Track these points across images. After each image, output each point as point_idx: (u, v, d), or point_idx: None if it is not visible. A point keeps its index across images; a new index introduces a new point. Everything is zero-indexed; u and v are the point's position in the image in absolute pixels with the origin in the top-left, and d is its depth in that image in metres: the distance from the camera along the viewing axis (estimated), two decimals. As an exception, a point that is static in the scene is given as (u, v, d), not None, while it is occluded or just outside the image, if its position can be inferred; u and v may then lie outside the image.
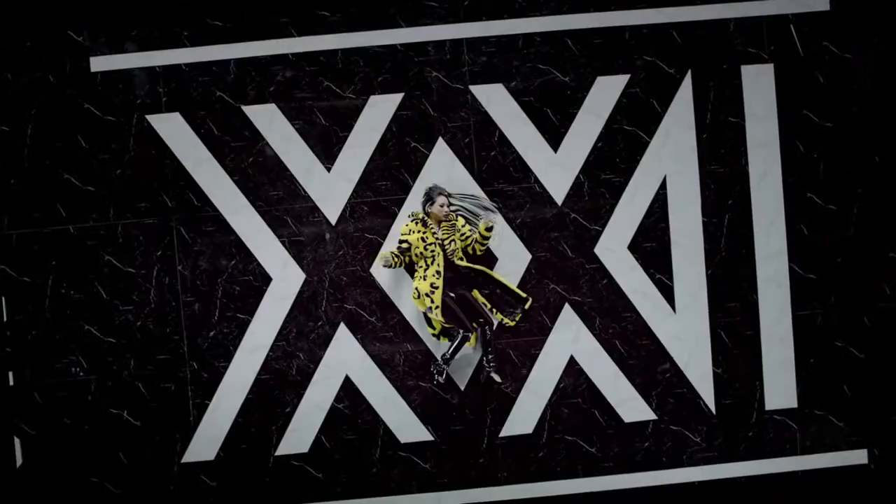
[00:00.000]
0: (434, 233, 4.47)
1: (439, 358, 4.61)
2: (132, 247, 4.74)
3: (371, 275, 4.78)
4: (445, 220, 4.49)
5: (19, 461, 4.73)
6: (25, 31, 4.69)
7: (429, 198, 4.51)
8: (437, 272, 4.44)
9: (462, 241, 4.53)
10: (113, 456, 4.74)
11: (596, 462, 4.80)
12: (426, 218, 4.49)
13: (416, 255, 4.47)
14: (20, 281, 4.71)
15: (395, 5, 4.74)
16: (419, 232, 4.45)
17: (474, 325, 4.53)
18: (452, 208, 4.55)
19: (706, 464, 4.81)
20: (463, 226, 4.51)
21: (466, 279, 4.59)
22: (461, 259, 4.54)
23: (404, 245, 4.46)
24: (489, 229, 4.44)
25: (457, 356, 4.55)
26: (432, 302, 4.43)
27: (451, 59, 4.77)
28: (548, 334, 4.80)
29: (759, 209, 4.81)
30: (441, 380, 4.59)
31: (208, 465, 4.76)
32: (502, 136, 4.78)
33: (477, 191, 4.74)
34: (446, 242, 4.47)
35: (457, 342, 4.50)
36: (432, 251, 4.45)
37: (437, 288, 4.43)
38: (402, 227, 4.54)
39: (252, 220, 4.75)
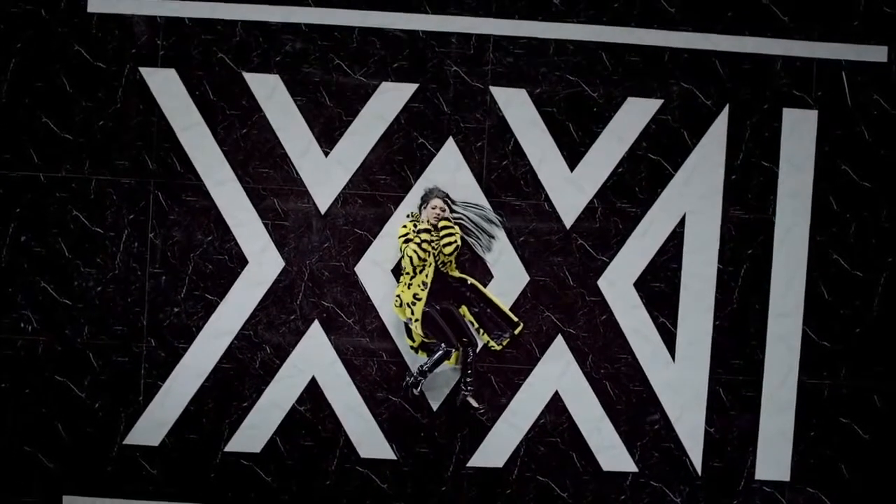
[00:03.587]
0: (431, 240, 4.11)
1: (415, 369, 4.25)
2: (104, 205, 4.40)
3: (355, 273, 4.44)
4: (434, 229, 4.14)
5: (-50, 417, 4.39)
6: (22, -43, 4.35)
7: (425, 199, 4.17)
8: (424, 283, 4.09)
9: (445, 256, 4.16)
10: (51, 426, 4.40)
11: (566, 508, 4.49)
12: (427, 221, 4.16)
13: (407, 258, 4.12)
14: (-22, 225, 4.38)
15: (423, -12, 4.42)
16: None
17: (457, 343, 4.20)
18: (455, 216, 4.22)
19: (683, 527, 4.51)
20: (448, 243, 4.09)
21: (456, 293, 4.27)
22: (448, 263, 4.19)
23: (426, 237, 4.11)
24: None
25: (435, 371, 4.21)
26: (413, 314, 4.08)
27: (475, 55, 4.43)
28: (535, 365, 4.46)
29: (779, 263, 4.48)
30: (416, 392, 4.24)
31: (151, 451, 4.42)
32: (517, 145, 4.45)
33: (482, 200, 4.40)
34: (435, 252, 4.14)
35: (438, 355, 4.12)
36: (424, 259, 4.10)
37: (419, 300, 4.08)
38: (400, 229, 4.18)
39: (236, 195, 4.41)
